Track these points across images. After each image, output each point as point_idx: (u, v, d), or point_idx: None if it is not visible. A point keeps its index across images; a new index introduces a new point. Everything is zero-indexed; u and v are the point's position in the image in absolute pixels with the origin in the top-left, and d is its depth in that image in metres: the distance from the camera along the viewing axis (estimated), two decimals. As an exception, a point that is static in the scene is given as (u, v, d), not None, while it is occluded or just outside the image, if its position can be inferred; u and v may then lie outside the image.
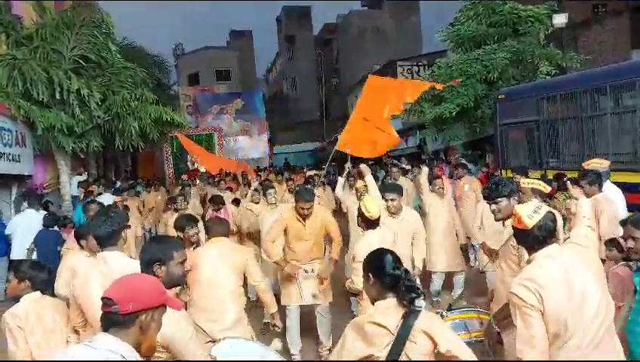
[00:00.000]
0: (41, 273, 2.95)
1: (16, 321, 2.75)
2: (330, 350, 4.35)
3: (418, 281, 4.62)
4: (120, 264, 2.82)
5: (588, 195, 4.11)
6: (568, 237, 2.41)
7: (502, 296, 3.09)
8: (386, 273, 2.08)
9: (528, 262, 2.19)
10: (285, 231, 4.39)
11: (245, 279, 3.63)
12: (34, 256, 6.04)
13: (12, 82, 8.58)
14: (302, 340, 4.54)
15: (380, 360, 1.99)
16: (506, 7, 11.44)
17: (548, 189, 3.62)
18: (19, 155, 8.92)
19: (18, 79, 8.61)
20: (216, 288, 3.35)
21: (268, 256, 4.53)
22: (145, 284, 1.56)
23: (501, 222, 3.08)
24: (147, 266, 2.19)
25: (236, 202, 7.51)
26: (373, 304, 2.14)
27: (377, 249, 2.31)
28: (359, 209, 3.56)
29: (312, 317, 4.54)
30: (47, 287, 3.01)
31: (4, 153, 8.38)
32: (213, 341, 3.00)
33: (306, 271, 4.33)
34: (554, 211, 2.34)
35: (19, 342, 2.72)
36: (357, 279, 3.55)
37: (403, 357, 1.97)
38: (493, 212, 3.11)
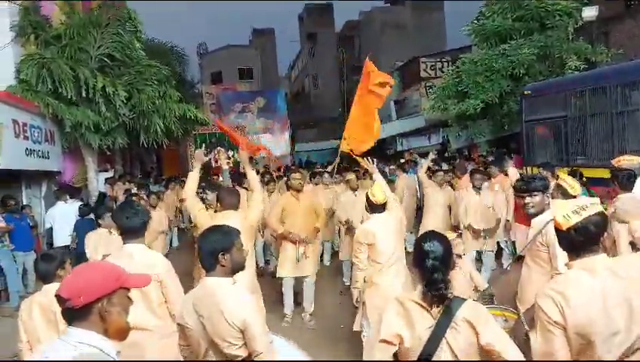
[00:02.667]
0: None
1: None
2: (311, 315, 5.47)
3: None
4: (146, 257, 2.92)
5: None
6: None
7: (528, 293, 3.02)
8: (417, 260, 2.04)
9: (567, 266, 1.95)
10: (284, 210, 5.41)
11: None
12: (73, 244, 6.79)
13: (41, 81, 8.82)
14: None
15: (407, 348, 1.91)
16: (532, 0, 11.16)
17: (578, 191, 3.39)
18: (48, 152, 9.18)
19: (47, 78, 8.83)
20: None
21: (275, 230, 5.57)
22: (94, 274, 1.57)
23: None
24: (211, 256, 2.22)
25: None
26: None
27: (426, 232, 2.19)
28: (366, 194, 3.95)
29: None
30: None
31: (34, 150, 8.63)
32: None
33: (297, 250, 5.26)
34: (605, 214, 1.97)
35: None
36: (356, 259, 3.87)
37: (443, 345, 1.88)
38: (526, 205, 3.03)
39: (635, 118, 6.89)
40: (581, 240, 1.83)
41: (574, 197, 3.39)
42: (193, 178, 4.01)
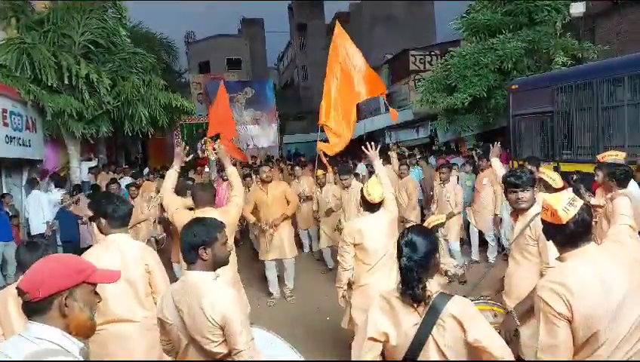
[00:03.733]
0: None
1: None
2: (291, 291, 6.10)
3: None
4: (135, 248, 2.91)
5: (607, 189, 3.87)
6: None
7: (515, 287, 3.01)
8: (397, 257, 1.98)
9: (560, 260, 1.95)
10: (256, 202, 5.92)
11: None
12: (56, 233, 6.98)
13: (21, 66, 8.60)
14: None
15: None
16: (522, -5, 11.17)
17: (559, 184, 3.44)
18: (29, 140, 8.97)
19: (27, 64, 8.62)
20: None
21: (249, 220, 6.28)
22: (55, 267, 1.49)
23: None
24: (192, 250, 2.13)
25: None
26: None
27: (409, 227, 2.07)
28: (362, 190, 3.64)
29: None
30: None
31: (14, 137, 8.43)
32: None
33: (271, 234, 5.76)
34: (588, 204, 2.08)
35: None
36: (340, 258, 3.64)
37: (430, 342, 1.84)
38: (517, 200, 2.96)
39: (620, 113, 6.95)
40: (580, 231, 1.86)
41: (557, 190, 3.40)
42: (171, 176, 3.86)
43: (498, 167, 4.28)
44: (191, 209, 3.92)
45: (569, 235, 1.87)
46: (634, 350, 1.80)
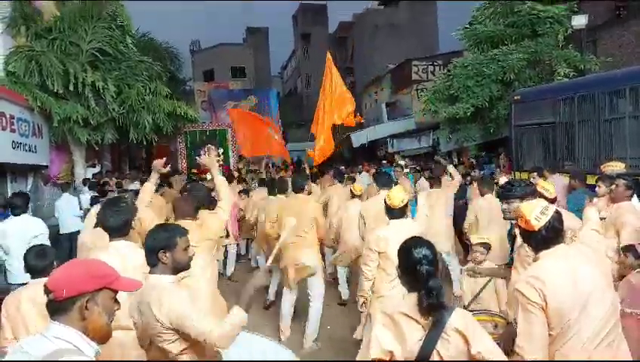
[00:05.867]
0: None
1: None
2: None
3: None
4: (138, 255, 2.82)
5: (617, 199, 3.82)
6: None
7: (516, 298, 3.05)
8: (407, 268, 1.99)
9: (535, 260, 2.15)
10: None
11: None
12: None
13: (29, 74, 8.72)
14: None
15: (398, 361, 1.88)
16: (524, 7, 11.27)
17: (553, 195, 3.49)
18: (35, 146, 9.06)
19: (35, 71, 8.74)
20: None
21: (270, 234, 5.03)
22: (80, 270, 1.55)
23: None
24: (151, 253, 2.23)
25: (245, 193, 7.92)
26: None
27: (412, 238, 2.14)
28: (385, 196, 3.62)
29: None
30: None
31: (20, 143, 8.52)
32: None
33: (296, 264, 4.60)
34: (561, 211, 2.26)
35: None
36: (364, 267, 3.55)
37: (434, 356, 1.86)
38: (503, 211, 3.09)
39: (621, 125, 6.99)
40: (551, 237, 2.07)
41: (552, 200, 3.44)
42: (148, 189, 3.68)
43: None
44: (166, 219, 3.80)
45: (541, 240, 2.09)
46: (605, 342, 1.98)
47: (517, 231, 3.17)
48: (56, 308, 1.50)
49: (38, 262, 2.96)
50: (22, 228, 4.60)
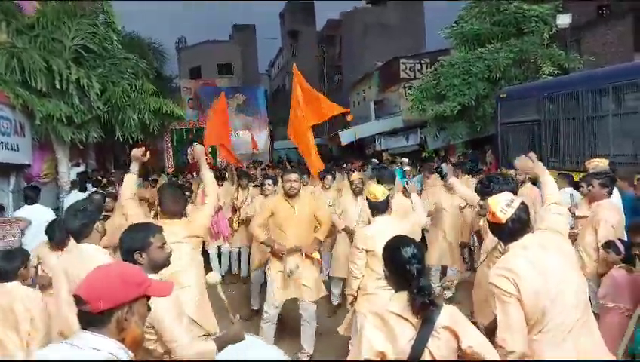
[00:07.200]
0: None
1: None
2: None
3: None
4: (94, 257, 2.67)
5: (595, 198, 3.88)
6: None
7: (485, 298, 3.03)
8: (396, 267, 1.98)
9: (504, 252, 2.20)
10: (274, 216, 4.37)
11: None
12: None
13: (10, 70, 8.53)
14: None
15: (391, 361, 1.87)
16: (511, 6, 11.38)
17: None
18: (17, 145, 8.87)
19: (16, 67, 8.56)
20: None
21: (257, 238, 4.56)
22: (116, 279, 1.42)
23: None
24: (127, 255, 2.20)
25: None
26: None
27: (397, 237, 2.15)
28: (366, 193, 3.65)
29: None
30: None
31: (2, 142, 8.33)
32: (208, 334, 2.96)
33: (290, 272, 4.13)
34: (526, 202, 2.28)
35: None
36: (352, 266, 3.52)
37: (426, 355, 1.85)
38: (480, 207, 3.15)
39: (604, 123, 7.10)
40: (518, 228, 2.13)
41: None
42: (130, 180, 3.52)
43: (457, 185, 4.27)
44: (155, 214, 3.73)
45: (508, 232, 2.15)
46: (579, 323, 2.05)
47: (486, 225, 3.21)
48: (91, 319, 1.39)
49: (4, 264, 2.88)
50: (35, 215, 5.71)
